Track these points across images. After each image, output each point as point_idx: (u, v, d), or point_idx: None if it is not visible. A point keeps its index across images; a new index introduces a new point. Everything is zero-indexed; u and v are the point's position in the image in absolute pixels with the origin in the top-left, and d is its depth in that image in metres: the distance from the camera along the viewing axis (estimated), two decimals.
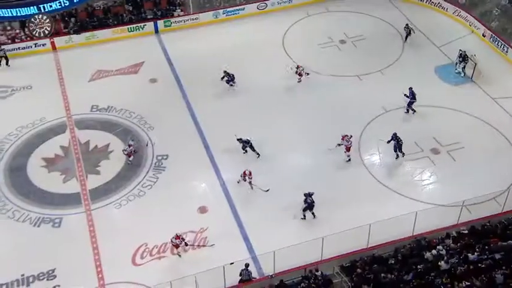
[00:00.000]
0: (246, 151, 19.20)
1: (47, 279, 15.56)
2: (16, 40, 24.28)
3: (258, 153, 19.16)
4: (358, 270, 14.85)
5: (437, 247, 15.32)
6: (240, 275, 15.06)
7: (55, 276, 15.64)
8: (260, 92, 22.19)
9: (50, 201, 17.91)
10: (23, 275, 15.60)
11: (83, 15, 25.54)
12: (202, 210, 17.68)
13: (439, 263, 14.79)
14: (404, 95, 20.80)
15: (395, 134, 18.97)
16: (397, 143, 19.01)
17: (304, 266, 15.24)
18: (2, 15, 16.30)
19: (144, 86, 22.83)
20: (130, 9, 26.04)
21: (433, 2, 27.20)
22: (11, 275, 15.56)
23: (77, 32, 24.91)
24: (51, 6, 16.41)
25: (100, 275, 15.71)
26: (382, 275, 14.51)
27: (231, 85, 22.18)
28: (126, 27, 25.53)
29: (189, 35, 25.79)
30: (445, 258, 14.86)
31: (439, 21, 26.40)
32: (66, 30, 25.01)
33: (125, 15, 25.88)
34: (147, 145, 19.90)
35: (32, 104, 21.56)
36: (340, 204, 17.62)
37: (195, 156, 19.53)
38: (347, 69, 23.35)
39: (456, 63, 23.16)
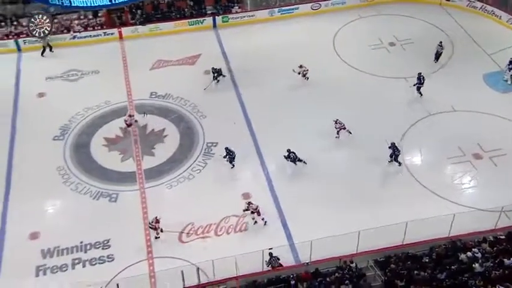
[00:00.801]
0: (229, 161, 18.61)
1: (102, 248, 16.15)
2: (88, 28, 25.24)
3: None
4: (392, 266, 14.54)
5: (473, 249, 14.75)
6: (269, 263, 15.07)
7: (109, 246, 16.21)
8: (307, 90, 22.03)
9: (109, 177, 18.51)
10: (81, 242, 16.26)
11: (149, 8, 26.18)
12: (246, 196, 17.80)
13: (474, 265, 14.27)
14: (414, 84, 20.77)
15: (393, 144, 18.29)
16: (394, 152, 18.23)
17: (340, 257, 15.08)
18: (76, 4, 16.86)
19: (199, 77, 23.14)
20: (192, 4, 26.45)
21: (486, 10, 25.99)
22: (72, 241, 16.25)
23: (142, 23, 25.59)
24: None
25: (149, 249, 16.16)
26: (416, 272, 14.16)
27: (217, 80, 22.16)
28: (187, 21, 25.95)
29: (244, 31, 25.90)
30: (480, 261, 14.32)
31: (492, 29, 25.22)
32: (133, 21, 25.74)
33: (186, 9, 26.34)
34: (144, 115, 20.37)
35: (98, 87, 22.33)
36: (378, 201, 17.28)
37: (242, 145, 19.64)
38: (395, 71, 22.76)
39: (505, 71, 22.11)
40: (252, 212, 16.69)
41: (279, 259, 15.15)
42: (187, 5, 26.39)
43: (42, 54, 23.93)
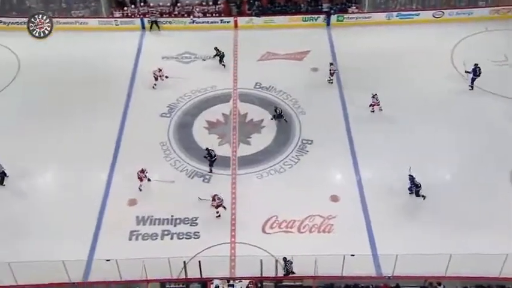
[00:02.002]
0: (210, 169, 18.56)
1: (190, 225, 16.95)
2: (207, 15, 26.42)
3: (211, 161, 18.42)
4: None
5: None
6: (285, 267, 14.90)
7: (197, 224, 16.97)
8: (417, 100, 21.15)
9: (206, 158, 19.33)
10: (172, 216, 17.19)
11: (265, 1, 26.74)
12: (334, 198, 17.60)
13: None
14: (466, 71, 19.59)
15: (411, 176, 17.03)
16: (413, 185, 16.99)
17: (426, 277, 14.37)
18: None
19: (305, 73, 23.20)
20: (309, 0, 26.51)
21: None
22: (164, 214, 17.24)
23: (258, 15, 26.23)
24: None
25: (233, 233, 16.67)
26: None
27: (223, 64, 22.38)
28: (301, 16, 26.09)
29: (358, 32, 25.41)
30: None
31: None
32: (249, 11, 26.47)
33: (302, 5, 26.48)
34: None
35: (207, 72, 23.35)
36: (477, 225, 16.16)
37: (337, 147, 19.44)
38: None
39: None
40: (217, 206, 16.70)
41: (291, 262, 14.94)
42: (304, 0, 26.53)
43: (150, 29, 25.53)
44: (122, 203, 17.56)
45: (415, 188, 17.07)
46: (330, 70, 22.06)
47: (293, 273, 15.01)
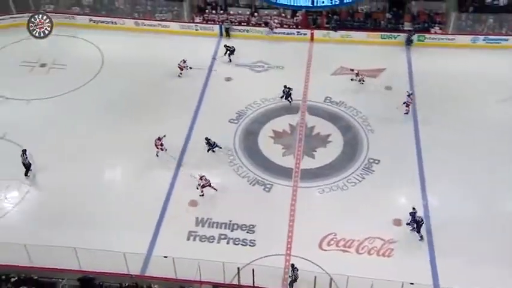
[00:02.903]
0: (213, 150, 19.61)
1: (247, 232, 17.09)
2: (284, 26, 26.72)
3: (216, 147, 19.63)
4: None
5: None
6: (292, 276, 14.88)
7: (254, 232, 17.08)
8: (494, 128, 20.21)
9: (268, 168, 19.45)
10: (230, 221, 17.44)
11: (344, 15, 26.60)
12: (397, 222, 17.04)
13: None
14: None
15: (413, 212, 16.39)
16: (413, 220, 16.27)
17: None
18: (281, 2, 17.69)
19: (378, 91, 22.77)
20: (390, 17, 26.05)
21: None
22: (222, 218, 17.52)
23: (335, 28, 26.13)
24: (323, 2, 17.26)
25: (289, 245, 16.60)
26: None
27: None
28: (380, 33, 25.68)
29: (438, 53, 24.61)
30: None
31: None
32: (327, 25, 26.44)
33: (382, 22, 26.06)
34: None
35: (279, 82, 23.40)
36: None
37: (405, 169, 18.86)
38: None
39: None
40: (203, 186, 17.67)
41: (297, 270, 14.91)
42: (384, 17, 26.10)
43: (225, 36, 26.25)
44: (184, 203, 18.04)
45: (414, 224, 16.31)
46: (407, 102, 20.99)
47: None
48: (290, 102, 22.07)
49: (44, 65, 24.20)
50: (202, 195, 18.00)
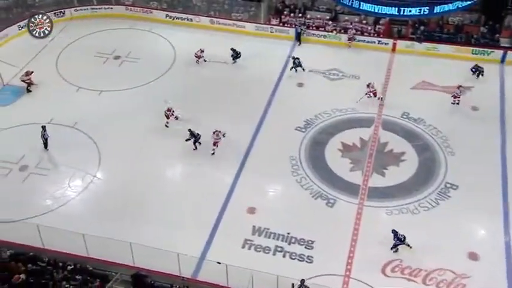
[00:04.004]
0: (195, 146, 20.04)
1: (305, 247, 16.85)
2: (364, 34, 26.29)
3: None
4: None
5: None
6: None
7: (312, 248, 16.82)
8: None
9: (333, 182, 19.10)
10: (288, 233, 17.26)
11: (433, 26, 25.73)
12: (473, 256, 16.13)
13: None
14: None
15: (394, 232, 16.19)
16: (398, 240, 16.20)
17: None
18: (364, 8, 17.39)
19: (463, 111, 21.76)
20: (485, 31, 24.81)
21: None
22: (280, 229, 17.39)
23: (420, 40, 25.32)
24: (410, 11, 16.77)
25: (349, 267, 16.19)
26: None
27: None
28: (471, 48, 24.55)
29: None
30: None
31: None
32: (412, 36, 25.68)
33: (475, 36, 24.87)
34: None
35: (350, 92, 23.09)
36: None
37: (487, 199, 17.85)
38: None
39: None
40: (214, 143, 19.08)
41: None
42: (478, 31, 24.91)
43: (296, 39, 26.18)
44: (242, 209, 18.14)
45: (398, 241, 16.23)
46: (455, 93, 20.79)
47: None
48: (304, 70, 23.94)
49: (117, 57, 25.41)
50: (213, 153, 19.48)
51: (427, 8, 16.70)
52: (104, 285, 15.10)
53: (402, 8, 16.68)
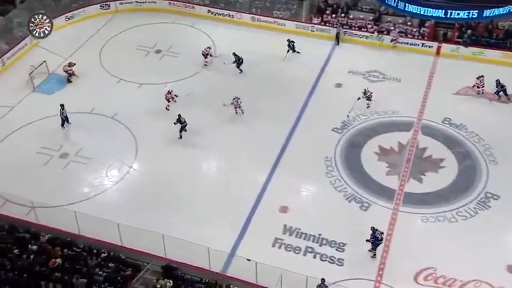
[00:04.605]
0: (180, 135, 20.70)
1: (336, 249, 16.84)
2: (408, 36, 25.91)
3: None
4: None
5: None
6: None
7: (343, 251, 16.78)
8: None
9: (368, 185, 18.97)
10: (320, 235, 17.29)
11: (481, 30, 25.10)
12: (511, 269, 15.72)
13: None
14: None
15: (373, 229, 16.09)
16: (375, 239, 16.16)
17: None
18: (410, 10, 17.11)
19: (508, 119, 21.22)
20: None
21: None
22: (312, 229, 17.43)
23: (467, 44, 24.75)
24: (458, 14, 16.35)
25: (380, 272, 16.08)
26: None
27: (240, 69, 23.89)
28: None
29: None
30: None
31: None
32: (458, 39, 25.14)
33: None
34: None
35: (394, 95, 22.81)
36: None
37: None
38: None
39: None
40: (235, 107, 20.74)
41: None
42: None
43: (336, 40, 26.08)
44: (274, 208, 18.26)
45: (373, 239, 16.25)
46: (476, 84, 20.40)
47: None
48: (299, 53, 24.88)
49: (159, 51, 25.94)
50: (242, 114, 21.05)
51: (476, 11, 16.25)
52: (136, 274, 15.52)
53: (449, 11, 16.30)
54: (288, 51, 24.82)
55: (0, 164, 19.75)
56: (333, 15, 27.02)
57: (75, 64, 24.03)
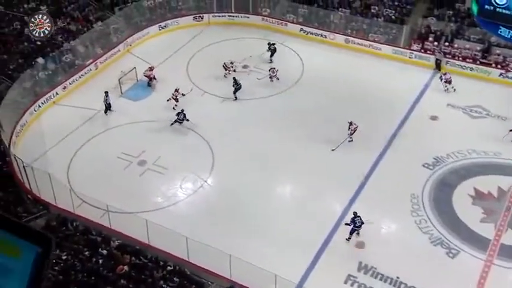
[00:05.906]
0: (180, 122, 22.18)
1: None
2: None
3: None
4: None
5: None
6: None
7: None
8: None
9: (459, 230, 17.89)
10: (398, 278, 16.41)
11: None
12: None
13: None
14: None
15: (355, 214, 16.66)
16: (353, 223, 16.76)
17: None
18: (504, 35, 15.96)
19: None
20: None
21: None
22: (390, 271, 16.58)
23: None
24: None
25: None
26: None
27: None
28: None
29: None
30: None
31: None
32: None
33: None
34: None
35: (492, 134, 21.45)
36: None
37: None
38: None
39: None
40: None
41: None
42: None
43: (436, 68, 25.14)
44: (350, 241, 17.67)
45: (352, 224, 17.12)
46: None
47: None
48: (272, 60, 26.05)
49: (246, 66, 26.41)
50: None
51: None
52: None
53: None
54: (267, 50, 26.19)
55: (81, 165, 20.85)
56: (435, 43, 26.07)
57: (154, 68, 25.13)
